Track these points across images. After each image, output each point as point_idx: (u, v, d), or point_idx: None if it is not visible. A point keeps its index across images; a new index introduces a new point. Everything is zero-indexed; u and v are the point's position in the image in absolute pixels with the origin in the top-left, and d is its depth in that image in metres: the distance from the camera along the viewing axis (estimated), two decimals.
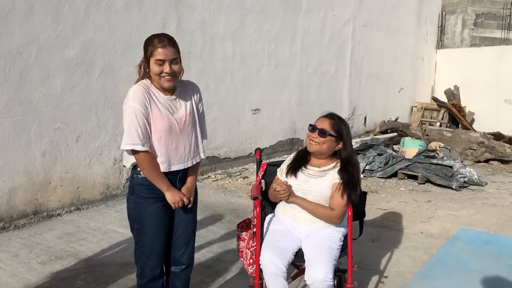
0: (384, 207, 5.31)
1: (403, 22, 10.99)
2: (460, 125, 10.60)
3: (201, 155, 2.48)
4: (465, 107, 11.04)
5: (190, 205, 2.42)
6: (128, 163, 2.37)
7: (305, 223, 2.65)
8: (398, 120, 10.46)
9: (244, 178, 6.66)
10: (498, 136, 8.96)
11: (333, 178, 2.64)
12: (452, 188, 6.17)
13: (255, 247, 2.60)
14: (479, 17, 12.09)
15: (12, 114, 4.49)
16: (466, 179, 6.40)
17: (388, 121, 10.07)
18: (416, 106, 11.65)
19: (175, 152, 2.33)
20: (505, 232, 4.52)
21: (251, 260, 2.66)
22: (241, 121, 7.33)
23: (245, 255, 2.74)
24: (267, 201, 2.94)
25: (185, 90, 2.42)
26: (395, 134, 9.19)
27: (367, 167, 6.97)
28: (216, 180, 6.52)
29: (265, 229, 2.74)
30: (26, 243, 4.11)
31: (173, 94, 2.36)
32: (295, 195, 2.64)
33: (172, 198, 2.32)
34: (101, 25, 5.18)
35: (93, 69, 5.15)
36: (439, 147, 7.77)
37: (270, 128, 7.88)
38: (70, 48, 4.90)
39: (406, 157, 7.00)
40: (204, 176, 6.59)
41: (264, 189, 2.98)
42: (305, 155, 2.77)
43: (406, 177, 6.75)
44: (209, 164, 6.82)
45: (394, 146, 8.26)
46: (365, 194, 2.90)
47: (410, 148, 7.31)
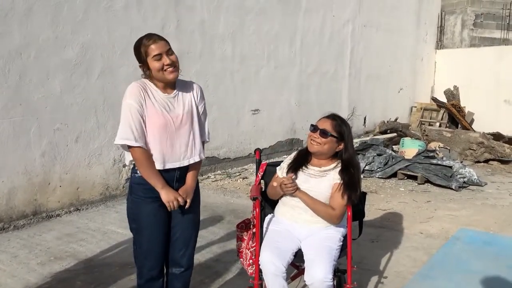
0: (384, 208, 5.31)
1: (403, 23, 10.99)
2: (460, 125, 10.60)
3: (200, 156, 2.44)
4: (465, 107, 11.04)
5: (187, 206, 2.38)
6: (127, 160, 2.39)
7: (305, 224, 2.65)
8: (398, 121, 10.46)
9: (244, 179, 6.66)
10: (498, 136, 8.96)
11: (334, 179, 2.64)
12: (452, 189, 6.17)
13: (255, 248, 2.60)
14: (479, 18, 12.09)
15: (12, 115, 4.49)
16: (466, 180, 6.39)
17: (388, 122, 10.06)
18: (416, 107, 11.65)
19: (170, 150, 2.33)
20: (505, 232, 4.52)
21: (251, 261, 2.66)
22: (241, 122, 7.33)
23: (245, 256, 2.74)
24: (267, 202, 2.94)
25: (185, 90, 2.43)
26: (395, 135, 9.19)
27: (367, 167, 6.97)
28: (216, 181, 6.52)
29: (265, 230, 2.74)
30: (26, 244, 4.11)
31: (173, 92, 2.37)
32: (300, 190, 2.64)
33: (167, 197, 2.30)
34: (101, 26, 5.18)
35: (93, 70, 5.15)
36: (439, 147, 7.77)
37: (270, 129, 7.88)
38: (70, 49, 4.91)
39: (406, 158, 7.00)
40: (204, 177, 6.59)
41: (264, 190, 2.97)
42: (306, 155, 2.77)
43: (406, 178, 6.75)
44: (209, 165, 6.82)
45: (394, 147, 8.26)
46: (365, 195, 2.91)
47: (410, 149, 7.31)
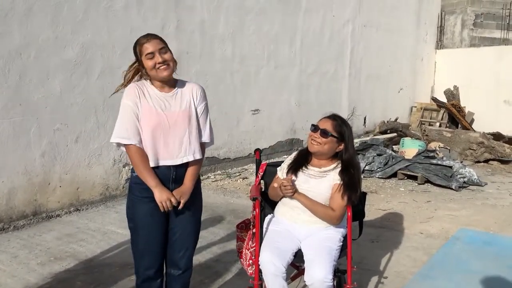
0: (384, 208, 5.31)
1: (403, 23, 10.98)
2: (460, 125, 10.60)
3: (195, 155, 2.39)
4: (465, 107, 11.04)
5: (180, 207, 2.36)
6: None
7: (304, 224, 2.65)
8: (398, 121, 10.45)
9: (244, 179, 6.66)
10: (498, 136, 8.96)
11: (334, 179, 2.63)
12: (452, 189, 6.17)
13: (255, 248, 2.60)
14: (479, 17, 12.09)
15: (12, 115, 4.49)
16: (466, 179, 6.39)
17: (388, 122, 10.06)
18: (416, 107, 11.64)
19: (164, 147, 2.33)
20: (505, 232, 4.52)
21: (251, 261, 2.66)
22: (241, 122, 7.33)
23: (245, 256, 2.74)
24: (267, 202, 2.94)
25: (186, 90, 2.43)
26: (395, 135, 9.18)
27: (367, 168, 6.97)
28: (216, 181, 6.52)
29: (265, 230, 2.74)
30: (26, 244, 4.11)
31: (171, 91, 2.38)
32: (299, 192, 2.64)
33: (159, 196, 2.29)
34: (101, 26, 5.18)
35: (93, 70, 5.14)
36: (439, 147, 7.77)
37: (270, 129, 7.88)
38: (70, 49, 4.90)
39: (406, 158, 7.00)
40: (204, 177, 6.59)
41: (264, 190, 2.97)
42: (306, 155, 2.77)
43: (406, 178, 6.75)
44: (209, 165, 6.81)
45: (394, 147, 8.26)
46: (365, 195, 2.91)
47: (410, 149, 7.31)
